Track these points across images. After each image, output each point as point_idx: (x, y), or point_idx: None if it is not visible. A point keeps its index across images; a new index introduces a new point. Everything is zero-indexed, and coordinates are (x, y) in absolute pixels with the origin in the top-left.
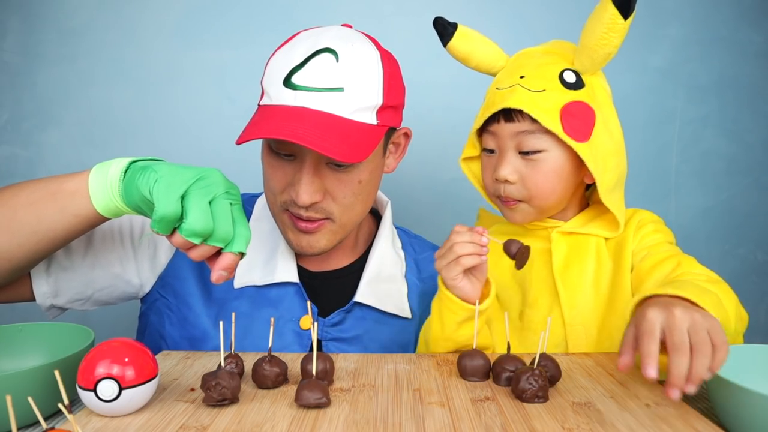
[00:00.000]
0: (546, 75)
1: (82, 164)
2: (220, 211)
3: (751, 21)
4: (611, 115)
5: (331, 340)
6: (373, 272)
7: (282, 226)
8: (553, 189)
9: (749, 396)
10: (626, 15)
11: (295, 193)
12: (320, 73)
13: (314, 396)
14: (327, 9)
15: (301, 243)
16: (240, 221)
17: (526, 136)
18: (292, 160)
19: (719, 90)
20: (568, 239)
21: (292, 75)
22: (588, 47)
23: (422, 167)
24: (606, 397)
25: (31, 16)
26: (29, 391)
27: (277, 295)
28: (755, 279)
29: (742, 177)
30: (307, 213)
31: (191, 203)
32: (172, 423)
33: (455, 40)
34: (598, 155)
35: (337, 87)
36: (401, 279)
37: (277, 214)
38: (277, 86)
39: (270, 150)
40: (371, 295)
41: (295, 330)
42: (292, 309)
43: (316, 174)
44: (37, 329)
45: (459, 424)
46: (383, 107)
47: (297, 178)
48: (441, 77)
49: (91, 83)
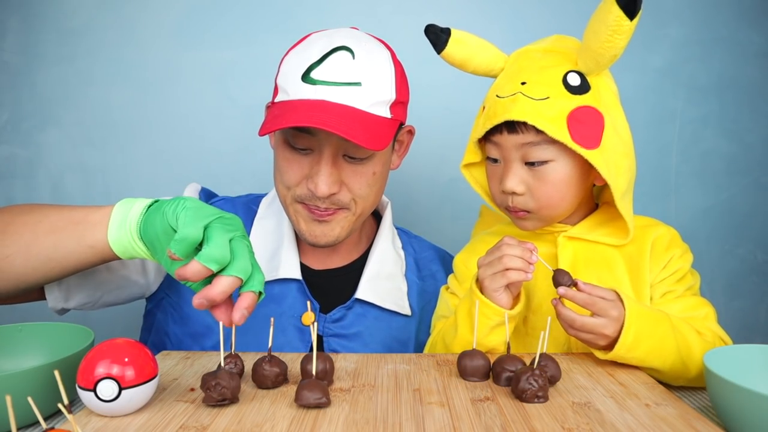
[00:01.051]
0: (549, 80)
1: (81, 164)
2: (239, 248)
3: (751, 21)
4: (619, 116)
5: (332, 336)
6: (373, 270)
7: (295, 217)
8: (563, 198)
9: (749, 396)
10: (632, 16)
11: (313, 185)
12: (338, 68)
13: (314, 396)
14: (327, 9)
15: (315, 232)
16: (256, 266)
17: (531, 148)
18: (308, 153)
19: (719, 90)
20: (574, 245)
21: (310, 71)
22: (592, 50)
23: (422, 167)
24: (606, 397)
25: (30, 15)
26: (29, 391)
27: (280, 291)
28: (755, 279)
29: (742, 177)
30: (324, 204)
31: (214, 233)
32: (172, 423)
33: (450, 47)
34: (610, 160)
35: (355, 81)
36: (401, 277)
37: (290, 206)
38: (295, 82)
39: (286, 145)
40: (372, 292)
41: (297, 326)
42: (295, 306)
43: (334, 166)
44: (37, 329)
45: (459, 424)
46: (396, 102)
47: (315, 171)
48: (441, 77)
49: (90, 83)
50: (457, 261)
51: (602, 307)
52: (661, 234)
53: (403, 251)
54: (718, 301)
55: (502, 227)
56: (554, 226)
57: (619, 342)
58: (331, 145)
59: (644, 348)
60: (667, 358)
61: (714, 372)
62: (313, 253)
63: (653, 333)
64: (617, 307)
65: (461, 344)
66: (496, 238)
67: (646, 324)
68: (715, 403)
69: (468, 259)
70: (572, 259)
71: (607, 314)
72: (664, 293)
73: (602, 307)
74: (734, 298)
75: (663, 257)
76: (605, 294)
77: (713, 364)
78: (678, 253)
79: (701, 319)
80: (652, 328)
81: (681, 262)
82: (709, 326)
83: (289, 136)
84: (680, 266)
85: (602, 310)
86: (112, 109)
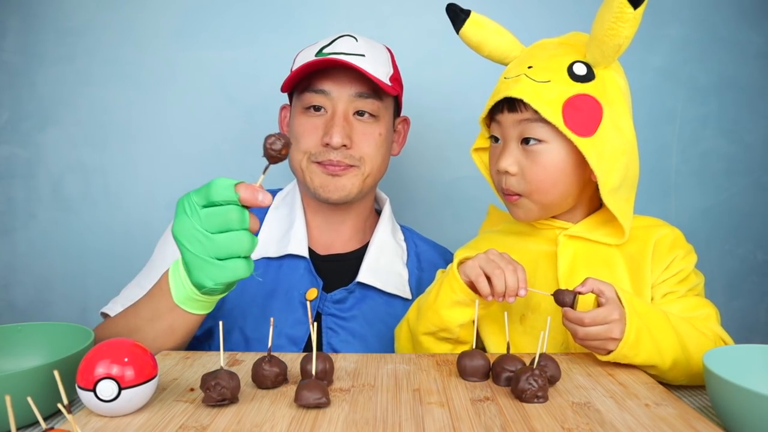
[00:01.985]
0: (554, 66)
1: (81, 164)
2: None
3: (751, 21)
4: (623, 112)
5: (330, 315)
6: (374, 257)
7: (310, 177)
8: (554, 183)
9: (749, 396)
10: (636, 4)
11: (328, 137)
12: (346, 46)
13: (314, 396)
14: (327, 9)
15: (329, 186)
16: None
17: (528, 125)
18: (323, 115)
19: (719, 90)
20: (575, 244)
21: (322, 50)
22: (597, 38)
23: (422, 167)
24: (606, 397)
25: (30, 15)
26: (29, 391)
27: (289, 267)
28: (755, 279)
29: (741, 177)
30: (338, 158)
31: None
32: (172, 423)
33: (467, 27)
34: (604, 152)
35: (360, 53)
36: (402, 266)
37: (305, 170)
38: (306, 59)
39: (303, 112)
40: (373, 276)
41: (302, 301)
42: (302, 282)
43: (345, 120)
44: (36, 329)
45: (459, 424)
46: (393, 77)
47: (330, 125)
48: (441, 77)
49: (90, 83)
50: (457, 254)
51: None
52: (665, 234)
53: (405, 243)
54: (718, 301)
55: (507, 226)
56: (554, 222)
57: (622, 341)
58: (342, 102)
59: (646, 344)
60: (668, 353)
61: (714, 372)
62: (319, 239)
63: (652, 328)
64: (618, 310)
65: (425, 311)
66: (500, 236)
67: (644, 319)
68: (715, 403)
69: (469, 254)
70: (572, 257)
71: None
72: (665, 294)
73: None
74: (734, 298)
75: (665, 258)
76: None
77: (713, 364)
78: (681, 254)
79: (702, 319)
80: (650, 323)
81: (684, 263)
82: (711, 327)
83: (306, 99)
84: (683, 267)
85: (605, 319)
86: (112, 109)
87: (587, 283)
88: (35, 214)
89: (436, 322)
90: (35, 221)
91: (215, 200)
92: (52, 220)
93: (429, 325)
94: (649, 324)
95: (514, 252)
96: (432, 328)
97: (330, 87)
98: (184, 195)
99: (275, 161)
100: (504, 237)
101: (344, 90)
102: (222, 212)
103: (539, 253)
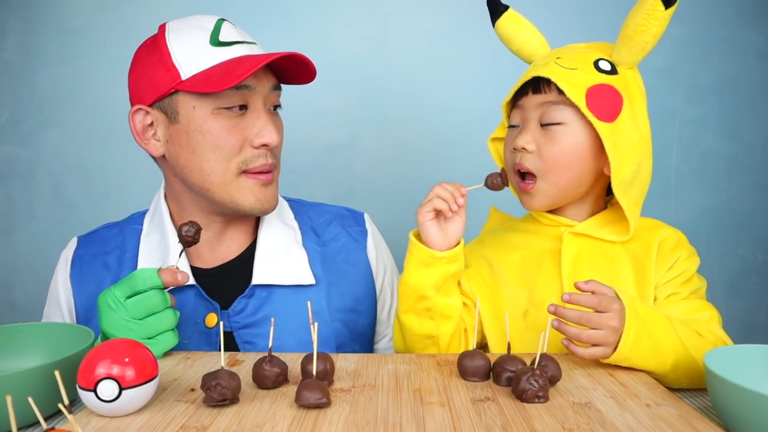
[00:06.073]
0: (581, 58)
1: (81, 164)
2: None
3: (751, 21)
4: (641, 110)
5: (240, 329)
6: (265, 251)
7: (240, 194)
8: (569, 165)
9: (749, 396)
10: (668, 4)
11: (262, 137)
12: (236, 31)
13: (314, 396)
14: (327, 8)
15: (266, 197)
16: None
17: (550, 107)
18: (243, 114)
19: (719, 90)
20: (579, 241)
21: (216, 36)
22: (626, 35)
23: (422, 167)
24: (606, 397)
25: (31, 16)
26: (29, 391)
27: (179, 300)
28: (755, 279)
29: (741, 177)
30: (270, 159)
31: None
32: (173, 423)
33: (503, 20)
34: (620, 141)
35: (254, 41)
36: (299, 248)
37: (231, 185)
38: (205, 49)
39: (219, 114)
40: (268, 274)
41: (202, 331)
42: (197, 311)
43: (270, 116)
44: (37, 329)
45: (459, 424)
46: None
47: (260, 123)
48: (441, 77)
49: (91, 83)
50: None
51: (606, 305)
52: (668, 236)
53: (296, 221)
54: (718, 301)
55: (512, 224)
56: (560, 219)
57: (621, 341)
58: (263, 95)
59: (645, 346)
60: (668, 357)
61: (714, 372)
62: (202, 251)
63: (652, 330)
64: (618, 303)
65: (401, 295)
66: (504, 232)
67: (644, 322)
68: (716, 403)
69: (473, 249)
70: (576, 255)
71: (611, 309)
72: (669, 295)
73: (606, 305)
74: (734, 298)
75: (669, 258)
76: (606, 291)
77: (713, 364)
78: (684, 255)
79: (704, 322)
80: (650, 326)
81: (687, 264)
82: (712, 329)
83: (226, 97)
84: (686, 268)
85: (606, 307)
86: (112, 109)
87: (590, 283)
88: (35, 214)
89: (409, 293)
90: (35, 221)
91: (139, 290)
92: (52, 219)
93: (406, 300)
94: (650, 326)
95: (519, 248)
96: (409, 302)
97: (253, 82)
98: (104, 291)
99: (189, 245)
100: (508, 233)
101: (264, 84)
102: (146, 298)
103: (543, 250)
